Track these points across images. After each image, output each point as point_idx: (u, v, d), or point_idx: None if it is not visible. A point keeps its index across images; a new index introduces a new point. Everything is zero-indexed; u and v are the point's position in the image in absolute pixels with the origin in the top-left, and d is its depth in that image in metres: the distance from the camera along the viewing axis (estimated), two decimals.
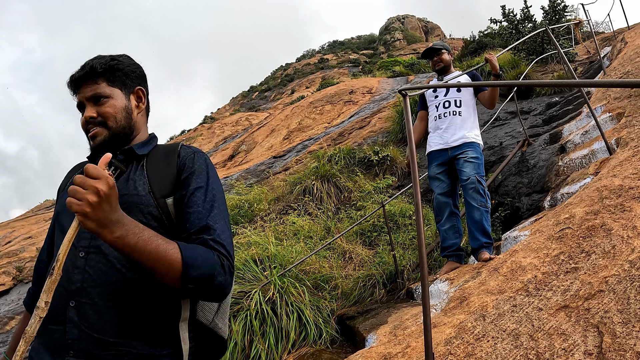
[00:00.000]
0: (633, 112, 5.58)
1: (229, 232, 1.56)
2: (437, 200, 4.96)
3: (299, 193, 9.75)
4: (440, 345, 2.95)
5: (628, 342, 2.09)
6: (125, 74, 1.71)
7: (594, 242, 3.12)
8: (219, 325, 1.75)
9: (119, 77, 1.69)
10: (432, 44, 5.36)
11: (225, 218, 1.59)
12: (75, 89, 1.67)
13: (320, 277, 5.79)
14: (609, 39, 14.89)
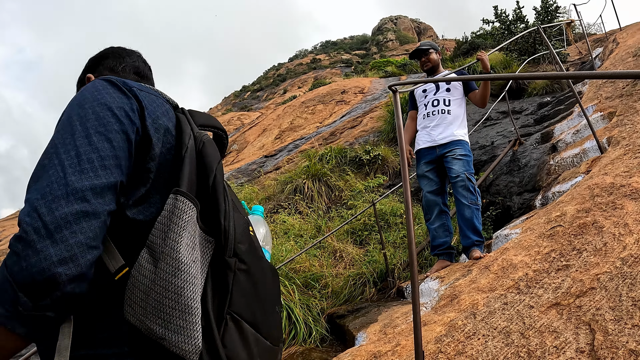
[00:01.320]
0: (624, 111, 5.57)
1: (53, 183, 0.96)
2: (426, 198, 4.94)
3: (290, 192, 9.72)
4: (431, 343, 2.92)
5: (620, 340, 2.07)
6: (84, 71, 1.61)
7: (586, 239, 3.10)
8: (154, 329, 0.97)
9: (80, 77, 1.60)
10: (420, 44, 5.33)
11: (56, 160, 1.01)
12: None
13: (310, 276, 5.76)
14: (600, 40, 14.93)
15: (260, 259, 1.22)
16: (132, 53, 1.66)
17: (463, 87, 5.06)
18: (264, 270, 1.22)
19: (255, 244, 1.23)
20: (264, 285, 1.19)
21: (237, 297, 1.07)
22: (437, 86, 5.05)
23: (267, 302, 1.20)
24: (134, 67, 1.61)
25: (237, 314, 1.06)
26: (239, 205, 1.30)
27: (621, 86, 6.49)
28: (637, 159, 3.92)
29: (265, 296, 1.20)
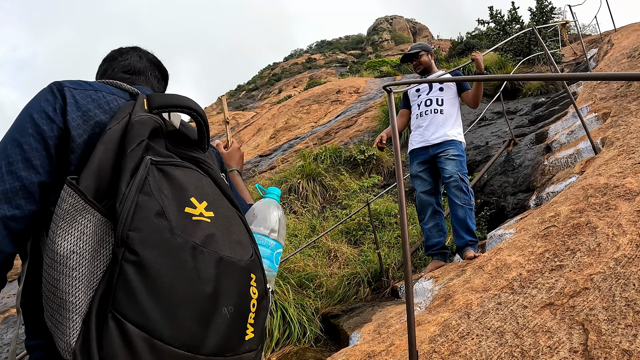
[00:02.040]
0: (619, 112, 5.59)
1: None
2: (419, 198, 4.94)
3: (285, 192, 9.70)
4: (425, 343, 2.92)
5: (614, 340, 2.07)
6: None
7: (579, 240, 3.10)
8: (46, 321, 0.98)
9: None
10: (410, 47, 5.32)
11: None
12: None
13: (304, 276, 5.75)
14: (595, 41, 14.98)
15: (188, 250, 1.01)
16: (126, 52, 1.66)
17: (456, 86, 5.05)
18: (182, 264, 0.99)
19: (179, 232, 1.01)
20: (181, 282, 0.97)
21: (120, 294, 0.92)
22: (430, 86, 5.05)
23: (185, 302, 0.97)
24: (123, 66, 1.60)
25: (119, 314, 0.91)
26: (189, 190, 1.12)
27: (615, 87, 6.51)
28: (631, 159, 3.93)
29: (182, 295, 0.97)
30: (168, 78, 1.77)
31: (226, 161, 1.97)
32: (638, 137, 4.43)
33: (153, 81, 1.65)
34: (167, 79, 1.76)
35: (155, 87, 1.67)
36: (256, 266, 1.17)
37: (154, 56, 1.72)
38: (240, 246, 1.16)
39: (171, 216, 1.03)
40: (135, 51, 1.68)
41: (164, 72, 1.74)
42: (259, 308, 1.15)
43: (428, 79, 3.94)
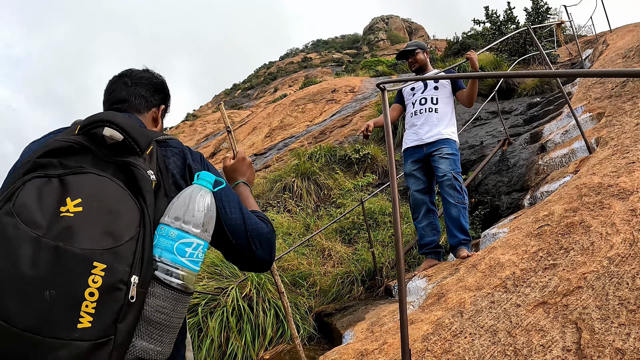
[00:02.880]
0: (613, 112, 5.60)
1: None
2: (413, 197, 4.93)
3: (279, 190, 9.70)
4: (418, 341, 2.91)
5: (607, 338, 2.06)
6: None
7: (573, 238, 3.10)
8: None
9: None
10: (406, 44, 5.31)
11: None
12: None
13: (298, 274, 5.74)
14: (591, 42, 15.01)
15: (27, 241, 1.12)
16: (115, 81, 1.87)
17: (451, 85, 5.05)
18: (11, 251, 1.10)
19: (25, 227, 1.13)
20: (6, 265, 1.09)
21: None
22: (425, 84, 5.04)
23: (5, 281, 1.09)
24: (111, 99, 1.82)
25: None
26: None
27: (610, 87, 6.52)
28: (625, 159, 3.93)
29: (3, 275, 1.09)
30: (163, 88, 1.93)
31: (230, 174, 1.99)
32: (632, 137, 4.43)
33: (138, 102, 1.81)
34: (161, 90, 1.92)
35: (143, 106, 1.83)
36: (112, 257, 1.17)
37: (144, 74, 1.88)
38: (107, 237, 1.19)
39: (31, 215, 1.15)
40: (122, 79, 1.85)
41: (156, 86, 1.89)
42: (104, 299, 1.13)
43: (422, 77, 3.93)
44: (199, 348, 4.40)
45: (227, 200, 1.57)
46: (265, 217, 1.71)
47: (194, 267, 1.32)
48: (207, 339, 4.41)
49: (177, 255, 1.29)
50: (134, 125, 1.42)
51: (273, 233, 1.64)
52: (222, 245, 1.58)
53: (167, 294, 1.25)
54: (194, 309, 4.69)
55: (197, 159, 1.64)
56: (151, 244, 1.28)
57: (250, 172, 2.03)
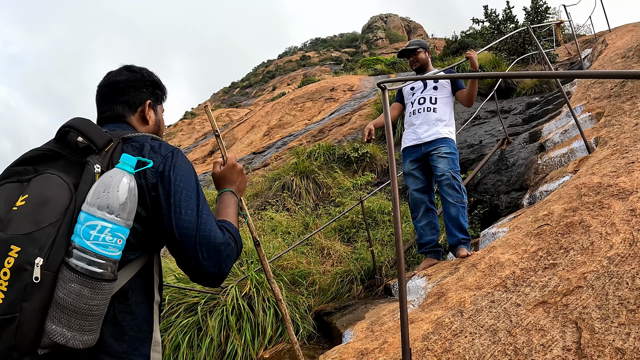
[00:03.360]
0: (612, 112, 5.60)
1: None
2: (412, 196, 4.93)
3: (278, 189, 9.70)
4: (418, 340, 2.91)
5: (607, 338, 2.07)
6: None
7: (573, 238, 3.10)
8: None
9: None
10: (408, 42, 5.31)
11: None
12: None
13: (297, 273, 5.74)
14: (590, 42, 15.02)
15: None
16: (97, 92, 1.93)
17: (451, 85, 5.05)
18: None
19: None
20: None
21: None
22: (425, 84, 5.04)
23: None
24: (98, 110, 1.90)
25: None
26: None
27: (609, 87, 6.53)
28: (625, 159, 3.93)
29: None
30: (143, 83, 1.92)
31: (218, 182, 1.96)
32: (632, 137, 4.44)
33: (121, 108, 1.85)
34: (140, 86, 1.91)
35: (127, 110, 1.86)
36: (26, 240, 1.26)
37: (119, 78, 1.88)
38: (32, 224, 1.29)
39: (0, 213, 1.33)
40: (102, 89, 1.89)
41: (135, 84, 1.89)
42: (13, 278, 1.23)
43: (423, 76, 3.93)
44: (198, 347, 4.40)
45: (186, 200, 1.55)
46: (233, 230, 1.67)
47: (101, 252, 1.30)
48: (206, 338, 4.41)
49: (83, 238, 1.30)
50: (92, 127, 1.52)
51: (229, 246, 1.57)
52: (170, 247, 1.57)
53: (73, 278, 1.26)
54: (194, 308, 4.69)
55: (161, 152, 1.62)
56: (66, 229, 1.31)
57: (241, 180, 1.98)
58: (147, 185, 1.53)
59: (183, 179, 1.58)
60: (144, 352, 1.52)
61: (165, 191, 1.53)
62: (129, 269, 1.50)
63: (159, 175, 1.55)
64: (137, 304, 1.52)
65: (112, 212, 1.33)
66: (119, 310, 1.46)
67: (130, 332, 1.48)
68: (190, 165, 1.68)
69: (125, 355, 1.45)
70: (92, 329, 1.31)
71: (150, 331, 1.56)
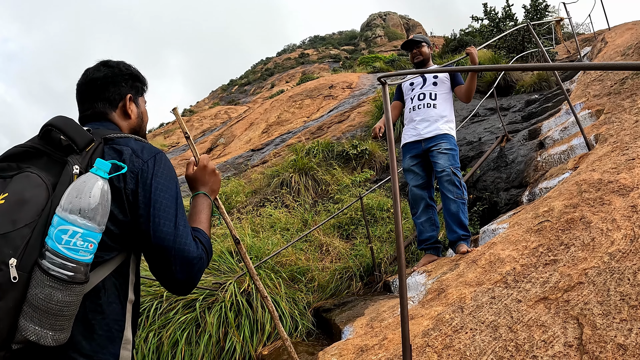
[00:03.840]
0: (612, 109, 5.60)
1: None
2: (412, 192, 4.91)
3: (277, 186, 9.69)
4: (418, 337, 2.90)
5: (609, 334, 2.06)
6: None
7: (573, 234, 3.09)
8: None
9: None
10: (413, 35, 5.30)
11: None
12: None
13: (296, 270, 5.73)
14: (589, 40, 15.03)
15: None
16: (77, 92, 1.94)
17: (450, 81, 5.04)
18: None
19: None
20: None
21: None
22: (425, 80, 5.03)
23: None
24: (79, 109, 1.92)
25: None
26: None
27: (609, 84, 6.52)
28: (625, 155, 3.93)
29: None
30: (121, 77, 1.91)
31: (191, 184, 1.96)
32: (632, 134, 4.43)
33: (101, 106, 1.86)
34: (119, 81, 1.91)
35: (107, 107, 1.86)
36: (3, 241, 1.29)
37: (97, 74, 1.88)
38: (9, 223, 1.32)
39: None
40: (81, 88, 1.89)
41: (113, 80, 1.89)
42: None
43: (423, 70, 3.92)
44: (196, 344, 4.39)
45: (165, 210, 1.56)
46: (205, 241, 1.68)
47: (73, 256, 1.32)
48: (205, 334, 4.40)
49: (55, 242, 1.31)
50: (73, 127, 1.55)
51: (201, 260, 1.59)
52: (145, 253, 1.59)
53: (45, 279, 1.28)
54: (192, 305, 4.68)
55: (143, 157, 1.63)
56: (41, 230, 1.34)
57: (214, 181, 1.98)
58: (125, 190, 1.54)
59: (164, 187, 1.59)
60: (113, 351, 1.52)
61: (145, 199, 1.55)
62: (104, 268, 1.51)
63: (139, 181, 1.57)
64: (109, 304, 1.52)
65: (84, 217, 1.34)
66: (90, 309, 1.47)
67: (99, 331, 1.48)
68: (171, 171, 1.69)
69: (94, 353, 1.46)
70: (63, 327, 1.33)
71: (121, 330, 1.56)
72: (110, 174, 1.47)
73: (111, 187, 1.49)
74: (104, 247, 1.47)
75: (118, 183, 1.52)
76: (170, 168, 1.68)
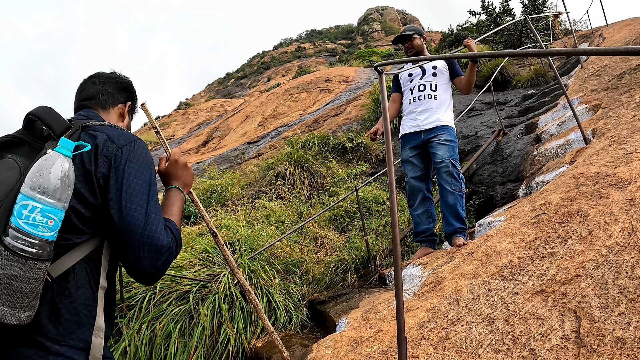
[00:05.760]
0: (610, 104, 5.58)
1: None
2: (409, 184, 4.89)
3: (272, 178, 9.67)
4: (413, 329, 2.88)
5: (607, 327, 2.04)
6: None
7: (571, 227, 3.07)
8: None
9: None
10: (403, 29, 5.25)
11: None
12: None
13: (291, 262, 5.71)
14: (587, 36, 15.03)
15: None
16: (85, 82, 2.06)
17: (449, 72, 5.01)
18: None
19: None
20: None
21: None
22: (424, 71, 4.99)
23: None
24: (80, 97, 2.02)
25: None
26: None
27: (607, 79, 6.51)
28: (623, 149, 3.91)
29: None
30: (129, 87, 2.11)
31: (164, 178, 1.99)
32: (629, 128, 4.41)
33: (104, 99, 1.98)
34: (127, 88, 2.09)
35: (109, 102, 2.00)
36: None
37: (111, 75, 2.06)
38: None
39: None
40: (91, 79, 2.03)
41: (122, 85, 2.07)
42: None
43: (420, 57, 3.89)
44: (190, 336, 4.36)
45: (137, 196, 1.57)
46: (176, 232, 1.69)
47: (32, 231, 1.34)
48: (198, 326, 4.37)
49: (16, 217, 1.34)
50: (51, 115, 1.60)
51: (170, 249, 1.59)
52: (115, 239, 1.58)
53: (6, 255, 1.32)
54: (185, 296, 4.65)
55: (119, 142, 1.65)
56: (7, 209, 1.38)
57: (186, 175, 2.01)
58: (96, 173, 1.56)
59: (137, 174, 1.60)
60: (82, 336, 1.51)
61: (117, 184, 1.56)
62: (76, 252, 1.52)
63: (112, 165, 1.58)
64: (77, 288, 1.51)
65: (43, 193, 1.36)
66: (57, 292, 1.48)
67: (66, 315, 1.48)
68: (147, 158, 1.70)
69: (60, 337, 1.46)
70: (23, 306, 1.34)
71: (92, 316, 1.55)
72: (75, 152, 1.49)
73: (82, 170, 1.55)
74: (73, 230, 1.50)
75: (89, 166, 1.55)
76: (146, 156, 1.69)
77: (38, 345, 1.43)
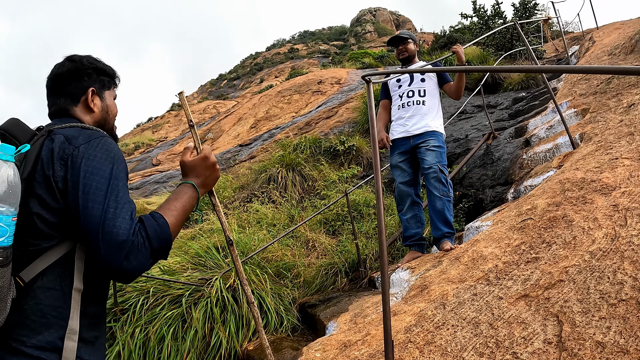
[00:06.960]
0: (598, 108, 5.64)
1: None
2: (398, 189, 4.93)
3: (264, 181, 9.67)
4: (400, 333, 2.92)
5: (587, 332, 2.08)
6: None
7: (555, 232, 3.12)
8: None
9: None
10: (399, 32, 5.31)
11: None
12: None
13: (282, 265, 5.74)
14: (577, 39, 15.11)
15: None
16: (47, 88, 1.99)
17: (437, 78, 5.06)
18: None
19: None
20: None
21: None
22: (412, 77, 5.04)
23: None
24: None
25: None
26: None
27: (595, 84, 6.57)
28: (609, 155, 3.97)
29: None
30: (83, 72, 1.90)
31: (184, 170, 1.91)
32: (616, 133, 4.47)
33: (63, 101, 1.87)
34: (81, 75, 1.90)
35: (69, 102, 1.88)
36: None
37: (60, 70, 1.89)
38: None
39: None
40: (48, 84, 1.91)
41: (75, 75, 1.90)
42: None
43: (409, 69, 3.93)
44: (182, 339, 4.38)
45: (94, 193, 1.53)
46: (151, 224, 1.59)
47: None
48: (191, 330, 4.40)
49: None
50: (17, 126, 1.63)
51: (132, 244, 1.49)
52: (80, 239, 1.57)
53: None
54: (178, 300, 4.67)
55: (75, 143, 1.62)
56: None
57: (209, 175, 1.93)
58: (54, 177, 1.54)
59: (95, 170, 1.57)
60: (49, 338, 1.49)
61: (74, 184, 1.53)
62: (48, 256, 1.53)
63: (68, 167, 1.56)
64: (45, 290, 1.51)
65: None
66: (24, 295, 1.49)
67: (32, 317, 1.48)
68: (109, 153, 1.64)
69: (26, 339, 1.46)
70: None
71: (62, 318, 1.53)
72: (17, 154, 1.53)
73: (40, 175, 1.54)
74: (41, 235, 1.51)
75: (48, 171, 1.55)
76: (106, 151, 1.64)
77: (6, 346, 1.45)
